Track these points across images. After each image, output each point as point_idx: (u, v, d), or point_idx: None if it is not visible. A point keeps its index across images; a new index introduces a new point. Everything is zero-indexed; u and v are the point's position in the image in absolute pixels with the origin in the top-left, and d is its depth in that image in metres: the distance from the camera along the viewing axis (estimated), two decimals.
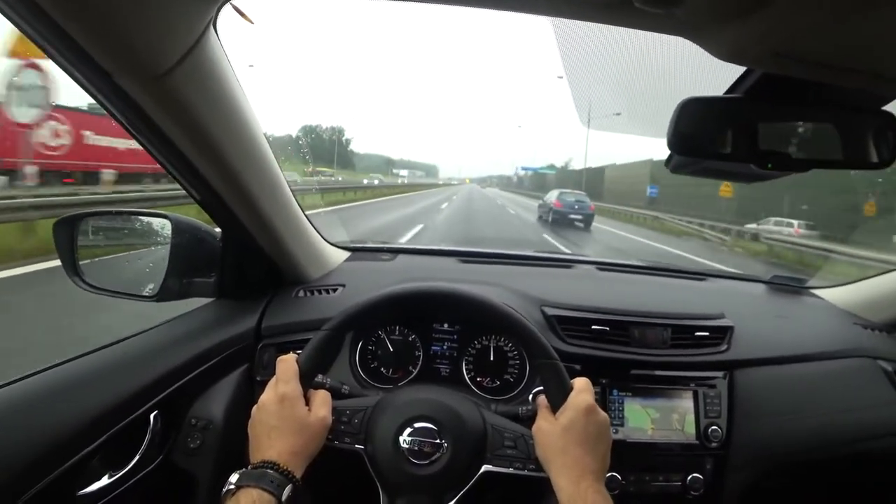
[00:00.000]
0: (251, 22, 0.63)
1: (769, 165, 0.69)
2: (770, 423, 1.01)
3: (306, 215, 1.09)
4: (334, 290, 1.13)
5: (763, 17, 0.46)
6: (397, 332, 1.05)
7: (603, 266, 1.39)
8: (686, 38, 0.57)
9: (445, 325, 1.06)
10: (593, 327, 1.03)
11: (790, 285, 1.37)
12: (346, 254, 1.32)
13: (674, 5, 0.48)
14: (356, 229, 8.77)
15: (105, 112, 0.67)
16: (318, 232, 1.17)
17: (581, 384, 0.73)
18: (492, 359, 1.03)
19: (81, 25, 0.52)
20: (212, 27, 0.61)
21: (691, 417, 1.00)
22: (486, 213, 19.38)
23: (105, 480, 0.75)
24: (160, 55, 0.57)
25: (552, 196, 16.96)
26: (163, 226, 1.04)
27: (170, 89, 0.61)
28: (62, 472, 0.66)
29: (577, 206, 15.67)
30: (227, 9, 0.62)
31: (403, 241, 7.93)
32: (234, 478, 0.63)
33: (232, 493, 0.61)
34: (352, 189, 22.17)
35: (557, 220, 15.17)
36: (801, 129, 0.73)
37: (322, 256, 1.19)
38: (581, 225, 15.49)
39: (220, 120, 0.72)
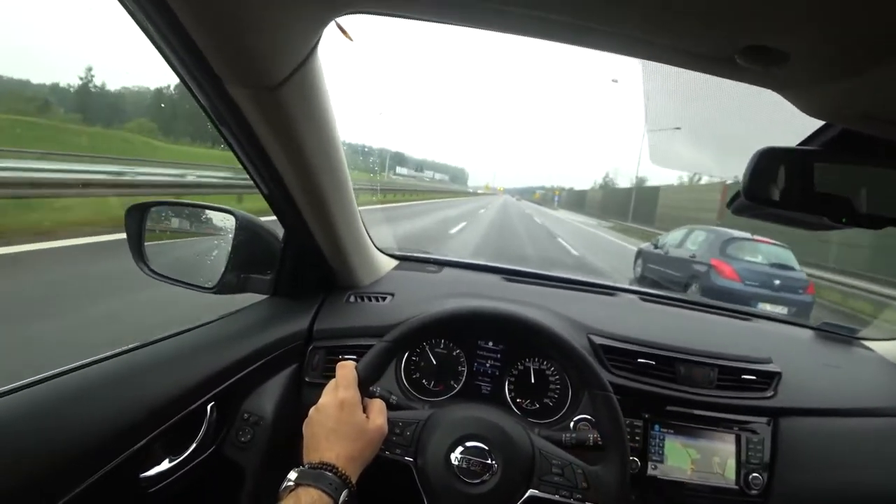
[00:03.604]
0: (351, 39, 0.66)
1: (843, 220, 0.69)
2: (814, 476, 0.99)
3: (363, 223, 1.12)
4: (383, 299, 1.15)
5: (860, 82, 0.47)
6: (442, 346, 1.07)
7: (646, 297, 1.39)
8: (777, 92, 0.59)
9: (490, 344, 1.07)
10: (639, 360, 1.03)
11: (840, 334, 1.34)
12: (395, 262, 1.35)
13: (774, 65, 0.50)
14: None
15: None
16: (371, 239, 1.21)
17: None
18: (533, 381, 1.04)
19: (206, 31, 0.55)
20: (318, 45, 0.64)
21: (732, 462, 0.99)
22: None
23: (165, 465, 0.77)
24: (274, 69, 0.60)
25: (704, 247, 7.00)
26: (225, 220, 1.08)
27: (277, 102, 0.65)
28: (129, 455, 0.69)
29: (777, 283, 6.40)
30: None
31: None
32: (292, 475, 0.64)
33: (290, 489, 0.62)
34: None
35: None
36: (876, 185, 0.73)
37: (374, 263, 1.22)
38: None
39: (314, 134, 0.75)
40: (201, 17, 0.53)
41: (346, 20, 0.64)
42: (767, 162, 0.68)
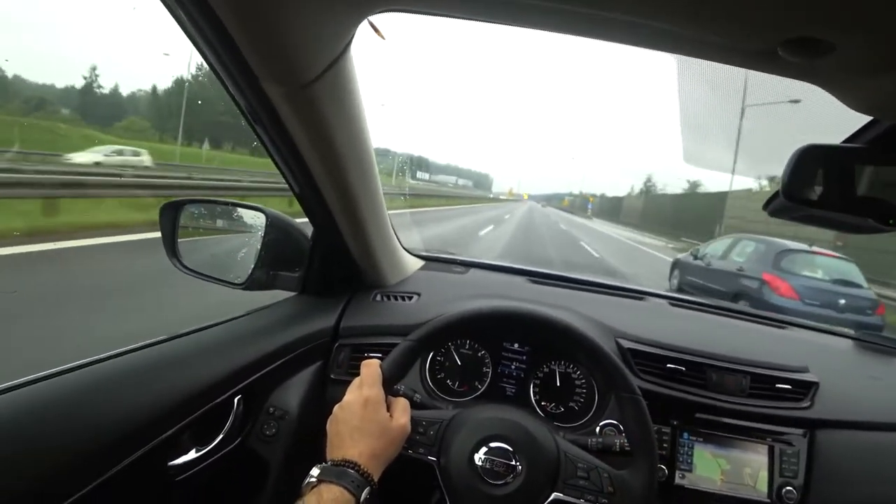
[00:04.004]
0: (383, 38, 0.67)
1: (890, 221, 0.66)
2: (853, 492, 0.94)
3: (391, 223, 1.13)
4: (409, 298, 1.15)
5: None
6: (467, 347, 1.06)
7: (675, 302, 1.36)
8: (821, 87, 0.56)
9: (516, 345, 1.06)
10: (668, 365, 1.01)
11: (881, 344, 1.28)
12: (421, 262, 1.36)
13: (819, 58, 0.48)
14: None
15: None
16: (398, 238, 1.21)
17: None
18: (558, 384, 1.03)
19: (245, 28, 0.56)
20: (351, 43, 0.65)
21: (764, 474, 0.95)
22: None
23: (192, 454, 0.79)
24: (308, 66, 0.61)
25: (754, 259, 6.08)
26: (256, 218, 1.10)
27: (309, 99, 0.66)
28: (158, 443, 0.70)
29: (841, 303, 5.44)
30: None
31: None
32: (315, 471, 0.64)
33: (313, 485, 0.62)
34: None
35: None
36: None
37: (401, 263, 1.23)
38: None
39: (345, 131, 0.76)
40: (241, 15, 0.54)
41: (378, 19, 0.64)
42: (809, 160, 0.66)
